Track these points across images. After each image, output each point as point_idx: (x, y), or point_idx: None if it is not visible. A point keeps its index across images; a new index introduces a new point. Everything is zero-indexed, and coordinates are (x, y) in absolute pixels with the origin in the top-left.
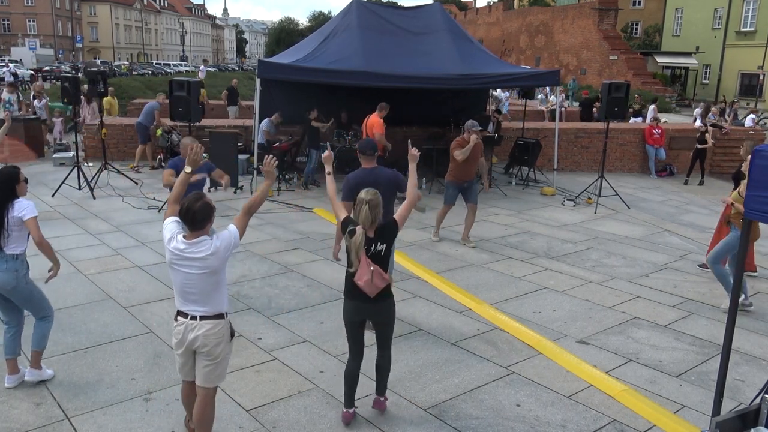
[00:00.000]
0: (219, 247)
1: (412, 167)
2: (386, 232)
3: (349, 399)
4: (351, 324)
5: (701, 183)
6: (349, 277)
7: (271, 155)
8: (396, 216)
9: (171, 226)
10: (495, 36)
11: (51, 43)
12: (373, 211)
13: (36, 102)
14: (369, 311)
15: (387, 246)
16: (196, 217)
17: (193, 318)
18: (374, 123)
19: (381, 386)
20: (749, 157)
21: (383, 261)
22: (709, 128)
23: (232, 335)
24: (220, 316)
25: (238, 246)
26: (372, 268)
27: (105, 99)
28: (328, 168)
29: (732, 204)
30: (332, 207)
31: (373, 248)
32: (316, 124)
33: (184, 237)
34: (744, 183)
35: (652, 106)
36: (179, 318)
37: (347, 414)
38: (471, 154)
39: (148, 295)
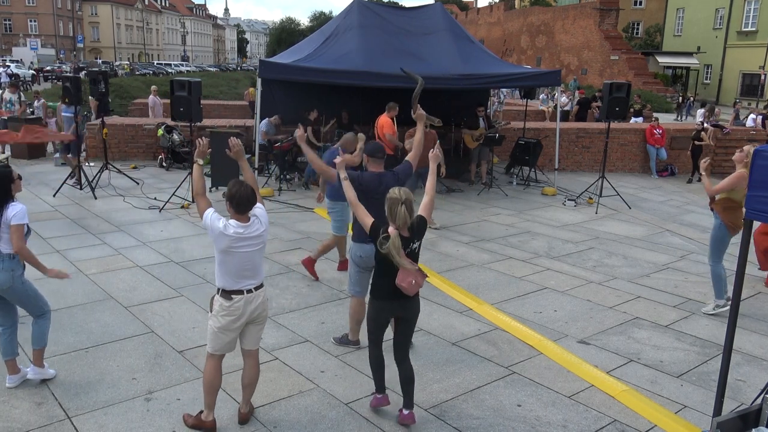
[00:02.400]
0: (265, 222)
1: (433, 167)
2: (420, 229)
3: (380, 383)
4: (379, 323)
5: (691, 181)
6: (384, 279)
7: (234, 137)
8: (422, 213)
9: (215, 216)
10: (496, 36)
11: (52, 43)
12: (410, 210)
13: (35, 102)
14: (402, 308)
15: (420, 243)
16: (247, 201)
17: (249, 291)
18: (384, 124)
19: (410, 399)
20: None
21: (417, 259)
22: (709, 127)
23: None
24: (263, 283)
25: None
26: (416, 269)
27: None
28: (343, 174)
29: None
30: (356, 213)
31: (409, 248)
32: (312, 140)
33: (237, 221)
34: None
35: (701, 110)
36: (234, 296)
37: (379, 399)
38: (426, 144)
39: (149, 295)
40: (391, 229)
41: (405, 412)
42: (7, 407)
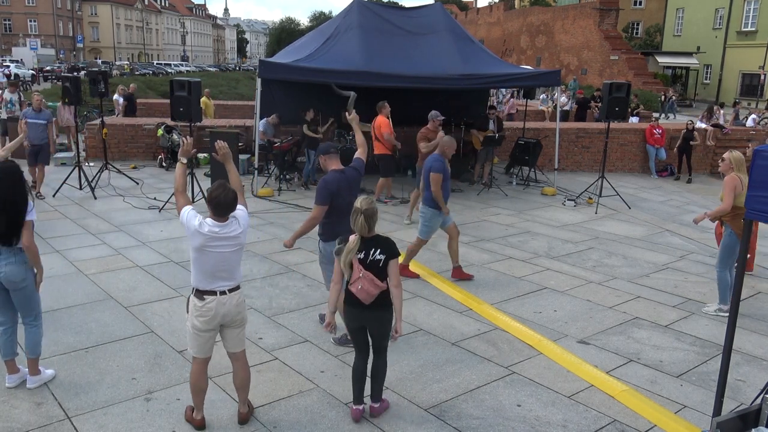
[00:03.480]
0: (244, 224)
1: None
2: (385, 244)
3: (359, 395)
4: (351, 330)
5: (689, 181)
6: (345, 285)
7: (221, 141)
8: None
9: (192, 214)
10: (496, 36)
11: (52, 43)
12: (369, 220)
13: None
14: (365, 318)
15: (386, 258)
16: (227, 207)
17: (223, 293)
18: (382, 123)
19: (375, 393)
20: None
21: (380, 271)
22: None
23: None
24: (239, 285)
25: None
26: (361, 273)
27: (201, 99)
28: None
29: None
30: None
31: (371, 257)
32: (308, 132)
33: (214, 221)
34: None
35: (722, 111)
36: (207, 297)
37: (357, 411)
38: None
39: (149, 294)
40: (352, 237)
41: (374, 405)
42: (6, 407)
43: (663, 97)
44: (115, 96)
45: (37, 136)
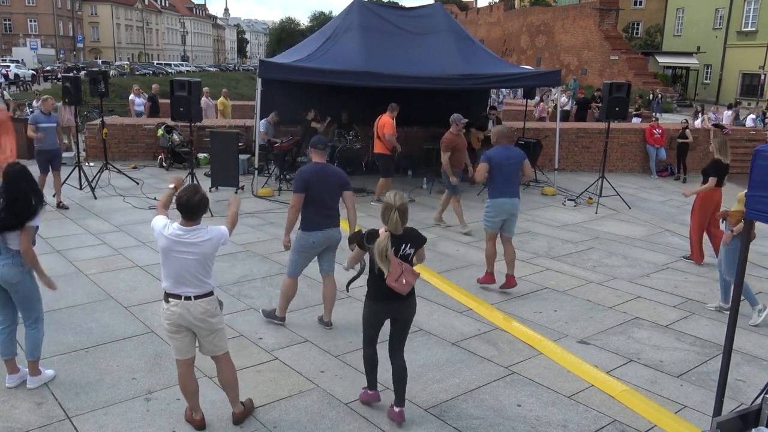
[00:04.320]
0: (212, 236)
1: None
2: (416, 238)
3: (373, 380)
4: (373, 324)
5: (684, 180)
6: (377, 280)
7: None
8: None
9: (161, 218)
10: (496, 36)
11: (52, 43)
12: (403, 216)
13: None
14: (398, 309)
15: (414, 251)
16: (194, 209)
17: (188, 298)
18: (386, 123)
19: (401, 395)
20: (716, 154)
21: (410, 263)
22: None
23: (221, 305)
24: (210, 293)
25: (227, 243)
26: (403, 267)
27: (219, 100)
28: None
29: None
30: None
31: (402, 251)
32: (315, 124)
33: (180, 224)
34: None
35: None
36: (171, 300)
37: (374, 395)
38: (459, 145)
39: (149, 294)
40: (381, 230)
41: (396, 409)
42: (7, 407)
43: (651, 96)
44: (131, 96)
45: (50, 141)
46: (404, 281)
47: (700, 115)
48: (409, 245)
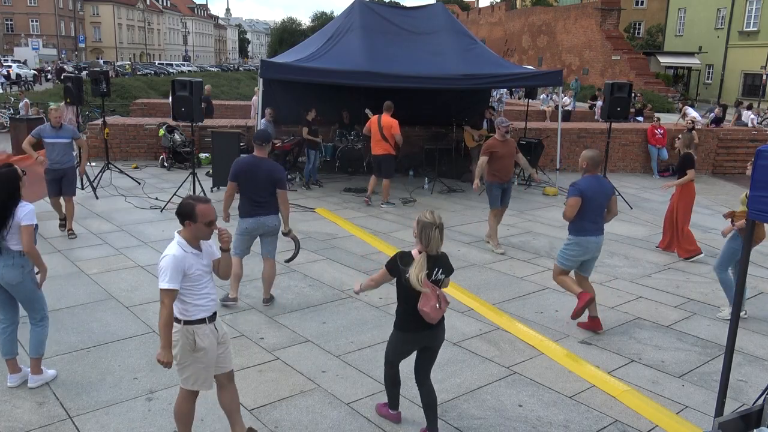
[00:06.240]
0: (160, 261)
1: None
2: (448, 264)
3: (395, 400)
4: (401, 353)
5: None
6: (410, 309)
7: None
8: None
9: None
10: (497, 36)
11: (54, 43)
12: (442, 235)
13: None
14: (429, 338)
15: (446, 276)
16: (179, 215)
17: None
18: (393, 124)
19: (433, 422)
20: (684, 150)
21: (441, 288)
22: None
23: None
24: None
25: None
26: (438, 292)
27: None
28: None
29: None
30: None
31: (434, 275)
32: (307, 137)
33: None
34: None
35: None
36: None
37: (396, 415)
38: (507, 152)
39: (151, 294)
40: (415, 252)
41: None
42: (8, 407)
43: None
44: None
45: (58, 157)
46: (437, 306)
47: (690, 110)
48: (441, 270)
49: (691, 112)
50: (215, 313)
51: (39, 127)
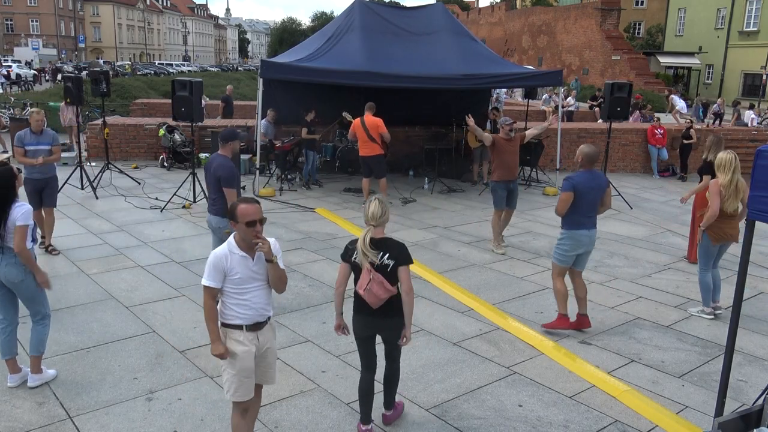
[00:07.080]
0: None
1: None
2: (395, 249)
3: (366, 414)
4: (359, 339)
5: (684, 179)
6: (355, 290)
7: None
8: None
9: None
10: (497, 36)
11: (54, 43)
12: (382, 205)
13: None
14: (377, 327)
15: (395, 264)
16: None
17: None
18: (378, 123)
19: (388, 399)
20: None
21: (389, 276)
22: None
23: None
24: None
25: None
26: (371, 275)
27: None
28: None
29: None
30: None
31: (380, 260)
32: (306, 136)
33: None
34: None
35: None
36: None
37: (367, 431)
38: (511, 149)
39: (151, 294)
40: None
41: (387, 413)
42: (8, 407)
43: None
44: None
45: (39, 167)
46: (372, 290)
47: (675, 98)
48: (388, 256)
49: (678, 102)
50: (258, 323)
51: (18, 134)
